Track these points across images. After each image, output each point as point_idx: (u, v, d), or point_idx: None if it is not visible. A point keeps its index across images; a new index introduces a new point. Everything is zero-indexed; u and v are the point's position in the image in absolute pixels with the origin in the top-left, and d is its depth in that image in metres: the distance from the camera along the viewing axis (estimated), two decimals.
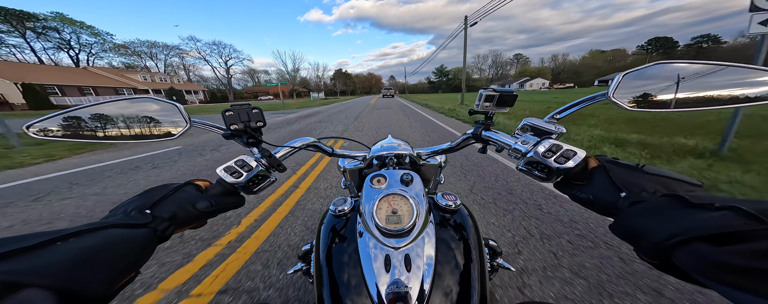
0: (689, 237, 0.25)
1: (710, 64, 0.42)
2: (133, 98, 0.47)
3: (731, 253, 0.22)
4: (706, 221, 0.25)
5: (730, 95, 0.42)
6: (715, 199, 0.27)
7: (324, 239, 0.51)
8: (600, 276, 1.48)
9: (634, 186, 0.36)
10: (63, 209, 2.66)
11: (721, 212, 0.25)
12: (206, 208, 0.43)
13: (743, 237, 0.22)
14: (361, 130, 7.93)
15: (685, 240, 0.25)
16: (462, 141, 0.69)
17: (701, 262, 0.24)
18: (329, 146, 0.72)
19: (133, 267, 0.32)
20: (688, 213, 0.27)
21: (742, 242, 0.22)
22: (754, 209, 0.23)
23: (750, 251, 0.21)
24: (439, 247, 0.44)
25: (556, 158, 0.44)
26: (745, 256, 0.21)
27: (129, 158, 4.85)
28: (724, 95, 0.42)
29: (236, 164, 0.50)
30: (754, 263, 0.20)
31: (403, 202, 0.47)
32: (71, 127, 0.44)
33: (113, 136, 0.47)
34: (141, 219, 0.35)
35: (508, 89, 0.54)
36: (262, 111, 0.53)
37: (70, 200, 2.92)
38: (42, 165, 4.58)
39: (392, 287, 0.39)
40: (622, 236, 0.34)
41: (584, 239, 1.83)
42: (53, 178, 3.79)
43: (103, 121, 0.46)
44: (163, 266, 1.67)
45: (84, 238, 0.28)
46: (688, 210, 0.28)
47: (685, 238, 0.25)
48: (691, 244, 0.25)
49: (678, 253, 0.26)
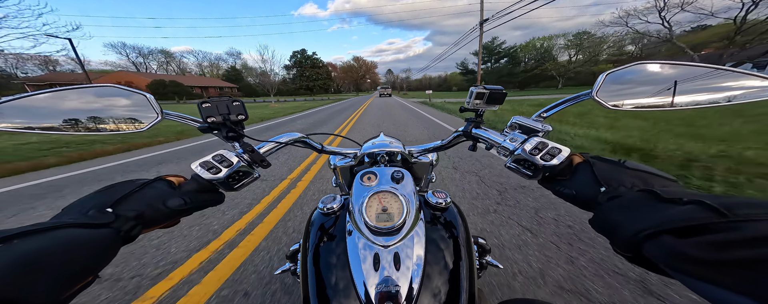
0: (658, 230, 0.26)
1: (687, 64, 0.44)
2: (98, 86, 0.43)
3: (693, 245, 0.23)
4: (674, 215, 0.26)
5: (706, 96, 0.44)
6: (684, 193, 0.29)
7: (312, 237, 0.50)
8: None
9: (613, 181, 0.37)
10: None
11: (687, 206, 0.26)
12: (179, 206, 0.40)
13: (705, 230, 0.23)
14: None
15: (654, 233, 0.26)
16: (453, 139, 0.69)
17: (667, 253, 0.25)
18: (319, 143, 0.70)
19: (91, 271, 0.29)
20: (659, 207, 0.29)
21: (704, 234, 0.23)
22: (717, 202, 0.25)
23: (709, 242, 0.22)
24: (428, 245, 0.44)
25: (542, 155, 0.45)
26: (704, 247, 0.22)
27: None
28: (700, 96, 0.44)
29: (214, 159, 0.47)
30: (711, 255, 0.21)
31: (393, 199, 0.47)
32: (23, 115, 0.40)
33: (73, 127, 0.42)
34: (101, 218, 0.32)
35: (498, 87, 0.55)
36: (244, 104, 0.50)
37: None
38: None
39: (381, 286, 0.38)
40: (599, 230, 0.35)
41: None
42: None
43: (62, 111, 0.41)
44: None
45: (29, 240, 0.25)
46: (659, 204, 0.29)
47: (653, 231, 0.26)
48: (659, 236, 0.26)
49: (647, 245, 0.27)
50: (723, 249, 0.21)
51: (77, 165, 4.41)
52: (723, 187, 2.48)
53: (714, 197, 0.27)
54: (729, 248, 0.21)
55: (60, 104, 0.41)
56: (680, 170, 2.88)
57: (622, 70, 0.47)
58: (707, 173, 2.74)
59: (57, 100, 0.41)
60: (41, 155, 4.69)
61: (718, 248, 0.21)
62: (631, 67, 0.46)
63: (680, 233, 0.25)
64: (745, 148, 3.50)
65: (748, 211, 0.23)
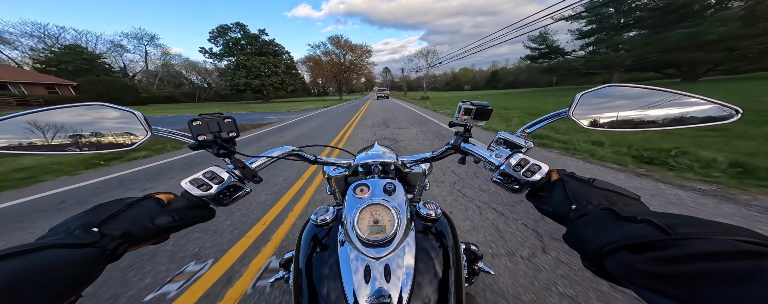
0: (616, 246, 0.28)
1: (652, 89, 0.47)
2: (88, 105, 0.43)
3: (644, 260, 0.25)
4: (628, 232, 0.29)
5: (671, 118, 0.47)
6: (638, 212, 0.32)
7: (304, 248, 0.51)
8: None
9: (582, 199, 0.40)
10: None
11: (640, 225, 0.29)
12: (167, 223, 0.40)
13: (653, 246, 0.26)
14: None
15: (613, 249, 0.29)
16: (443, 151, 0.72)
17: (624, 268, 0.27)
18: (313, 155, 0.71)
19: (76, 289, 0.29)
20: (618, 225, 0.31)
21: (653, 250, 0.26)
22: (663, 222, 0.28)
23: (655, 258, 0.25)
24: (418, 256, 0.45)
25: (524, 171, 0.48)
26: (653, 262, 0.25)
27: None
28: (664, 118, 0.48)
29: (205, 175, 0.47)
30: (659, 269, 0.24)
31: (385, 212, 0.48)
32: (14, 136, 0.40)
33: (64, 145, 0.42)
34: (86, 238, 0.32)
35: (484, 103, 0.58)
36: (236, 121, 0.50)
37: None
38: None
39: (371, 297, 0.39)
40: (570, 245, 0.37)
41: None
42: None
43: (53, 130, 0.41)
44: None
45: (12, 261, 0.26)
46: (618, 222, 0.32)
47: (613, 247, 0.29)
48: (617, 252, 0.28)
49: (608, 260, 0.29)
50: (668, 264, 0.24)
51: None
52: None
53: (661, 215, 0.30)
54: (673, 263, 0.24)
55: (49, 124, 0.41)
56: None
57: (596, 91, 0.50)
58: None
59: (46, 120, 0.41)
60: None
61: (664, 263, 0.24)
62: (604, 88, 0.49)
63: (634, 249, 0.27)
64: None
65: (687, 230, 0.26)
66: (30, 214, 2.72)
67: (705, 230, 0.26)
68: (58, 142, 0.42)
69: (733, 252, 0.22)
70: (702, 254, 0.23)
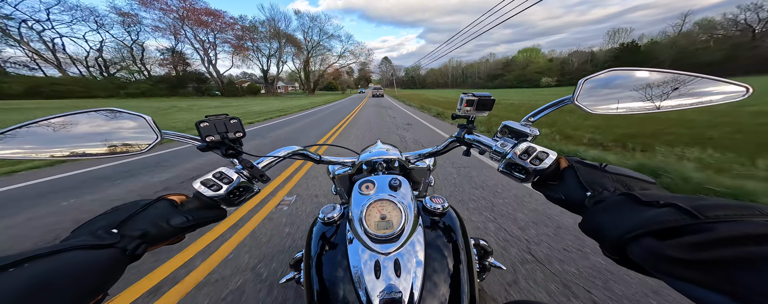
0: (639, 233, 0.27)
1: (656, 70, 0.47)
2: (97, 110, 0.44)
3: (672, 246, 0.24)
4: (652, 217, 0.27)
5: (676, 100, 0.47)
6: (660, 196, 0.30)
7: (313, 247, 0.51)
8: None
9: (597, 185, 0.39)
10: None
11: (664, 209, 0.27)
12: (182, 224, 0.41)
13: (681, 231, 0.25)
14: None
15: (637, 236, 0.27)
16: (448, 144, 0.71)
17: (649, 255, 0.26)
18: (316, 153, 0.71)
19: (101, 289, 0.30)
20: (640, 210, 0.30)
21: (681, 235, 0.24)
22: (689, 205, 0.26)
23: (686, 243, 0.23)
24: (428, 250, 0.45)
25: (531, 159, 0.47)
26: (682, 248, 0.23)
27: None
28: (671, 100, 0.47)
29: (214, 176, 0.48)
30: (690, 255, 0.23)
31: (391, 207, 0.48)
32: (25, 144, 0.40)
33: (76, 153, 0.43)
34: (108, 239, 0.33)
35: (486, 94, 0.58)
36: (241, 121, 0.51)
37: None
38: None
39: (382, 293, 0.39)
40: (588, 233, 0.35)
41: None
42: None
43: (64, 137, 0.42)
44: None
45: (41, 262, 0.27)
46: (640, 207, 0.30)
47: (636, 234, 0.27)
48: (641, 239, 0.27)
49: (632, 247, 0.28)
50: (699, 250, 0.22)
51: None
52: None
53: (686, 198, 0.28)
54: (705, 248, 0.22)
55: (62, 131, 0.42)
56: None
57: (598, 77, 0.50)
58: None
59: (59, 127, 0.42)
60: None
61: (695, 248, 0.22)
62: (606, 74, 0.49)
63: (659, 235, 0.25)
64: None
65: (718, 212, 0.24)
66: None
67: (737, 212, 0.24)
68: (70, 149, 0.43)
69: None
70: (736, 238, 0.21)
